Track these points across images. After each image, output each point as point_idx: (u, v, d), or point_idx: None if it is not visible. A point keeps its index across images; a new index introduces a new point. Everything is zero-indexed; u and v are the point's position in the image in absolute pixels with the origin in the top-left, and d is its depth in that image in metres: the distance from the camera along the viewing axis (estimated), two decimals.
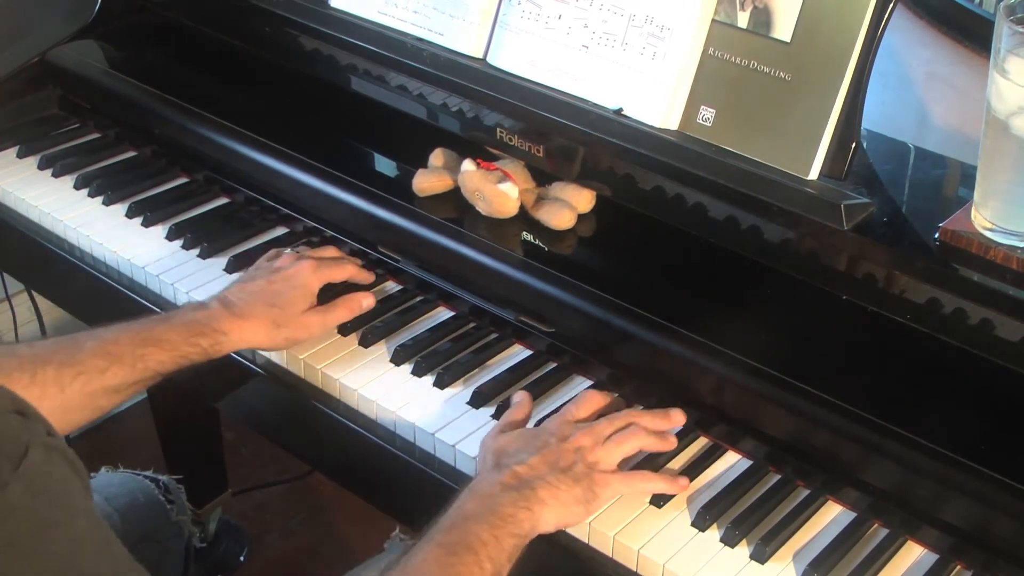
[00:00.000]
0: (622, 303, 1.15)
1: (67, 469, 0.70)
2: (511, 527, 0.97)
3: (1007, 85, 0.95)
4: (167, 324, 1.15)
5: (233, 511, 2.10)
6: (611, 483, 1.04)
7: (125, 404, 2.39)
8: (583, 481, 1.02)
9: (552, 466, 1.02)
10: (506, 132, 1.26)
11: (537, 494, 0.99)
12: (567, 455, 1.03)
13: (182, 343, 1.14)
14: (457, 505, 0.99)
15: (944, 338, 1.02)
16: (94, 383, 1.09)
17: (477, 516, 0.97)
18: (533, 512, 0.98)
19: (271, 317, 1.19)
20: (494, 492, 0.99)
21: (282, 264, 1.25)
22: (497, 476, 1.01)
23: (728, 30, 1.13)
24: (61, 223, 1.45)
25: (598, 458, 1.04)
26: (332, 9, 1.40)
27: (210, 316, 1.17)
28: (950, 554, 1.01)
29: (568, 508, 1.01)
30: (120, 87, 1.58)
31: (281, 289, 1.21)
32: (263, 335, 1.19)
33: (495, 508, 0.97)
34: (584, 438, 1.05)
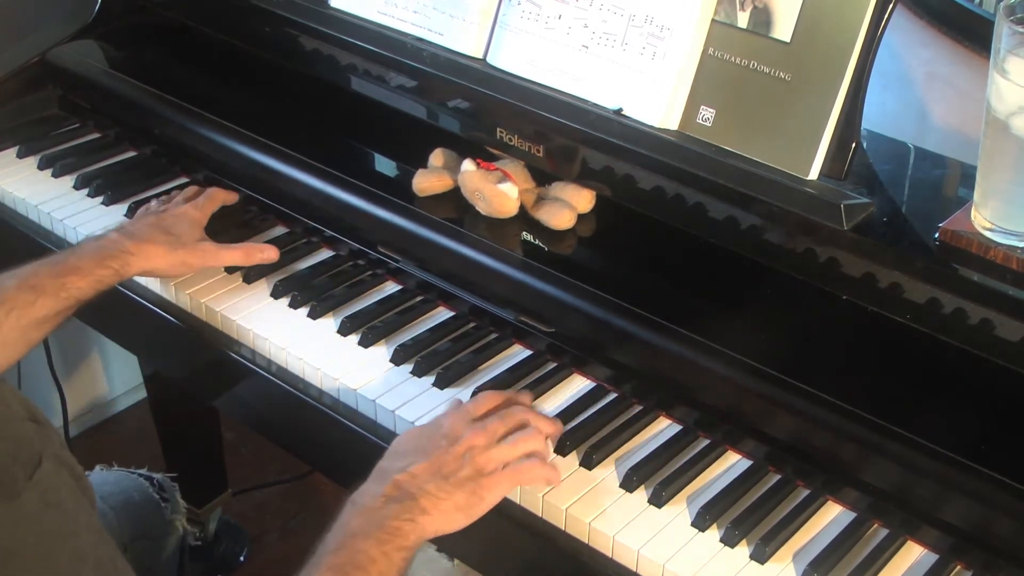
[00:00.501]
0: (622, 303, 1.15)
1: (74, 484, 0.70)
2: (398, 540, 0.97)
3: (1007, 85, 0.95)
4: (77, 254, 1.25)
5: (233, 511, 2.10)
6: (498, 484, 1.03)
7: (125, 404, 2.41)
8: (467, 486, 1.01)
9: (435, 474, 1.01)
10: (506, 132, 1.26)
11: (419, 504, 0.99)
12: (453, 460, 1.02)
13: (95, 267, 1.23)
14: (342, 522, 0.99)
15: (944, 338, 1.02)
16: (25, 317, 1.17)
17: (364, 533, 0.96)
18: (416, 523, 0.98)
19: (167, 242, 1.29)
20: (376, 506, 0.99)
21: (166, 207, 1.37)
22: (379, 488, 1.00)
23: (728, 30, 1.13)
24: (61, 223, 1.45)
25: (487, 460, 1.03)
26: (332, 9, 1.40)
27: (113, 242, 1.27)
28: (950, 554, 1.01)
29: (449, 516, 1.00)
30: (120, 87, 1.58)
31: (172, 222, 1.32)
32: (162, 257, 1.29)
33: (380, 523, 0.97)
34: (476, 438, 1.04)
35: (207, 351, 1.31)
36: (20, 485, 0.66)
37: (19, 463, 0.66)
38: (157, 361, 1.69)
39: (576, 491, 1.07)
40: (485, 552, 1.16)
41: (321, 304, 1.29)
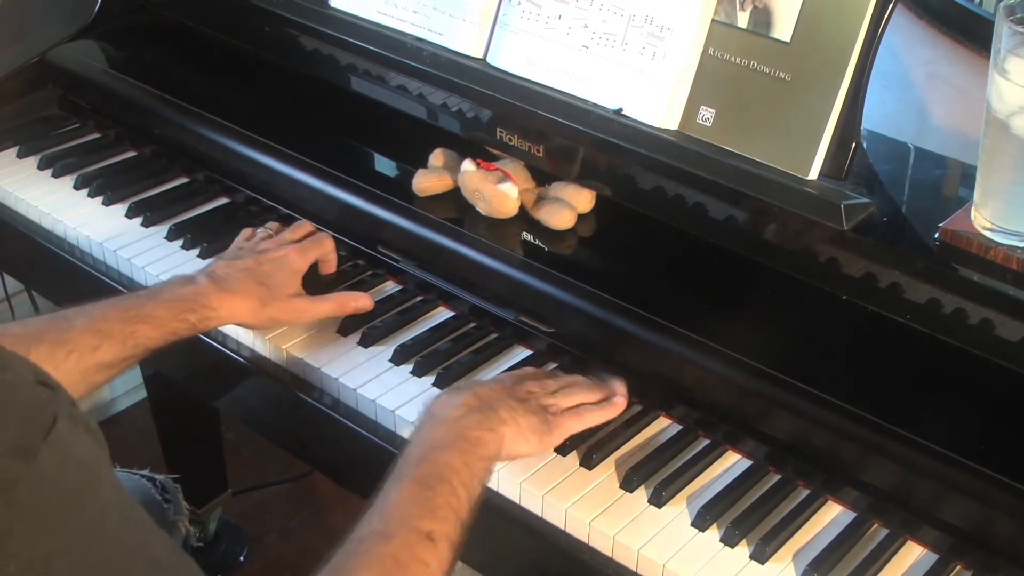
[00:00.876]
0: (622, 303, 1.15)
1: (91, 439, 0.71)
2: (480, 450, 0.98)
3: (1007, 85, 0.95)
4: (155, 300, 1.15)
5: (233, 511, 2.10)
6: (564, 423, 1.07)
7: (125, 404, 2.41)
8: (539, 413, 1.05)
9: (510, 394, 1.05)
10: (506, 132, 1.26)
11: (499, 414, 1.02)
12: (522, 391, 1.07)
13: (171, 319, 1.14)
14: (423, 436, 0.99)
15: (944, 338, 1.02)
16: (86, 360, 1.09)
17: (445, 444, 0.97)
18: (497, 432, 1.00)
19: (259, 296, 1.20)
20: (457, 416, 1.00)
21: (267, 247, 1.26)
22: (458, 398, 1.02)
23: (728, 30, 1.13)
24: (61, 223, 1.45)
25: (550, 403, 1.07)
26: (332, 9, 1.40)
27: (198, 292, 1.17)
28: (950, 554, 1.01)
29: (524, 435, 1.03)
30: (120, 87, 1.58)
31: (270, 270, 1.22)
32: (250, 313, 1.19)
33: (461, 432, 0.99)
34: (534, 386, 1.08)
35: (207, 351, 1.31)
36: (37, 446, 0.66)
37: (34, 426, 0.67)
38: (157, 361, 1.69)
39: (576, 491, 1.07)
40: (486, 552, 1.16)
41: None
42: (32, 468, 0.65)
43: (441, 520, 0.92)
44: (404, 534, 0.90)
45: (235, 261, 1.23)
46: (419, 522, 0.91)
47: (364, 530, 0.90)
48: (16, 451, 0.65)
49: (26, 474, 0.65)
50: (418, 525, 0.90)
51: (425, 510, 0.92)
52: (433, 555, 0.90)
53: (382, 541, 0.89)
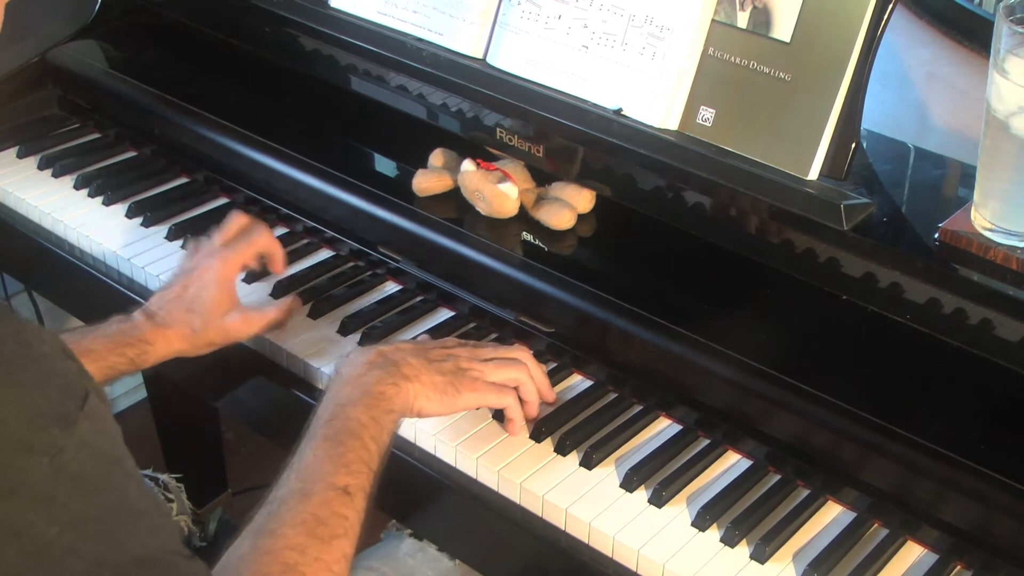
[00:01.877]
0: (622, 303, 1.15)
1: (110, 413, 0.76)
2: (384, 404, 1.02)
3: (1007, 85, 0.95)
4: (93, 335, 1.15)
5: (233, 511, 2.09)
6: (477, 388, 1.08)
7: (125, 404, 2.41)
8: (448, 376, 1.07)
9: (418, 353, 1.07)
10: (506, 132, 1.26)
11: (401, 371, 1.04)
12: (439, 352, 1.09)
13: (108, 354, 1.14)
14: (331, 395, 1.03)
15: (944, 338, 1.02)
16: None
17: (352, 401, 1.01)
18: (400, 388, 1.03)
19: (190, 324, 1.18)
20: (361, 373, 1.03)
21: (194, 264, 1.22)
22: (363, 356, 1.05)
23: (728, 30, 1.13)
24: (61, 223, 1.44)
25: (471, 366, 1.09)
26: (332, 9, 1.40)
27: (134, 327, 1.17)
28: (950, 554, 1.01)
29: (428, 393, 1.05)
30: (120, 87, 1.58)
31: (196, 292, 1.19)
32: (184, 342, 1.19)
33: (366, 388, 1.02)
34: (462, 350, 1.11)
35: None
36: (75, 415, 0.70)
37: (71, 396, 0.71)
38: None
39: (576, 491, 1.07)
40: (486, 552, 1.16)
41: (321, 304, 1.29)
42: (74, 436, 0.70)
43: (355, 474, 0.96)
44: (322, 491, 0.94)
45: (165, 291, 1.21)
46: (334, 478, 0.95)
47: (283, 489, 0.94)
48: (60, 419, 0.70)
49: (69, 442, 0.69)
50: (334, 481, 0.94)
51: (339, 466, 0.96)
52: (351, 508, 0.94)
53: (302, 499, 0.93)
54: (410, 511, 1.22)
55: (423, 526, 1.25)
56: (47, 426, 0.69)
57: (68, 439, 0.69)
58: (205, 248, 1.24)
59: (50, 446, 0.68)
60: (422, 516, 1.21)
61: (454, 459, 1.12)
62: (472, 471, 1.11)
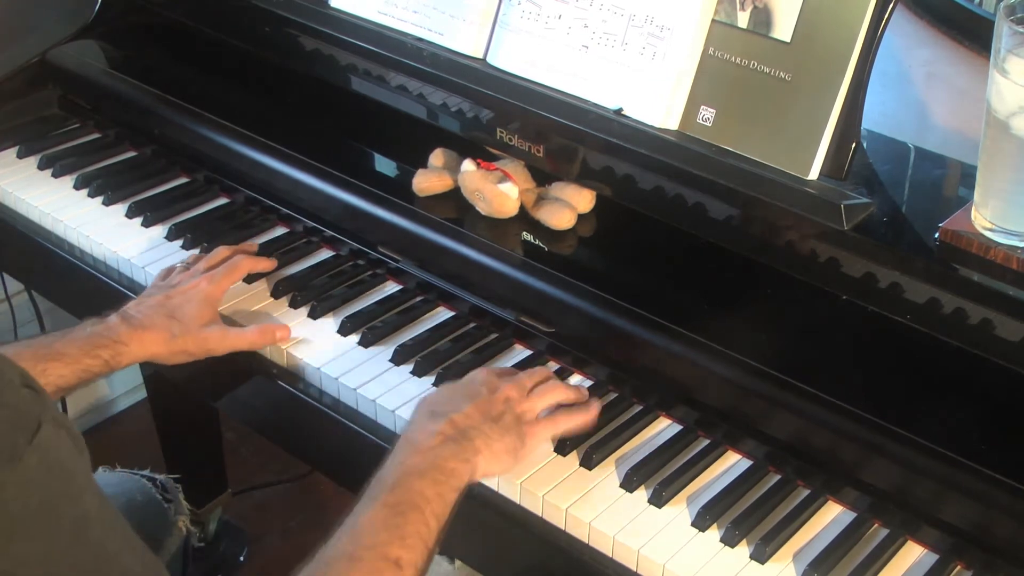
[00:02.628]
0: (622, 303, 1.15)
1: (72, 446, 0.71)
2: (453, 481, 0.99)
3: (1007, 85, 0.95)
4: (66, 339, 1.15)
5: (233, 511, 2.10)
6: (538, 432, 1.07)
7: (125, 404, 2.41)
8: (513, 430, 1.05)
9: (485, 415, 1.05)
10: (506, 132, 1.26)
11: (474, 444, 1.02)
12: (497, 405, 1.07)
13: (83, 356, 1.14)
14: (399, 460, 1.00)
15: (944, 338, 1.02)
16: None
17: (420, 472, 0.98)
18: (471, 463, 1.01)
19: (169, 329, 1.19)
20: (434, 445, 1.01)
21: (179, 280, 1.26)
22: (435, 426, 1.03)
23: (728, 30, 1.13)
24: (61, 223, 1.45)
25: (525, 408, 1.08)
26: (332, 9, 1.40)
27: (109, 328, 1.18)
28: (950, 554, 1.01)
29: (499, 457, 1.04)
30: (120, 87, 1.58)
31: (179, 303, 1.22)
32: (161, 346, 1.19)
33: (436, 463, 0.99)
34: (511, 390, 1.08)
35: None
36: (21, 449, 0.66)
37: (19, 429, 0.67)
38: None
39: (576, 491, 1.07)
40: (486, 553, 1.16)
41: (321, 304, 1.29)
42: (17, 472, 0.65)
43: (410, 548, 0.93)
44: (372, 559, 0.91)
45: (145, 299, 1.23)
46: (388, 548, 0.92)
47: (333, 550, 0.92)
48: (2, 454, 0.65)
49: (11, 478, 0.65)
50: (387, 551, 0.92)
51: (395, 536, 0.93)
52: None
53: (350, 564, 0.91)
54: None
55: None
56: None
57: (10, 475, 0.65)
58: (190, 271, 1.27)
59: None
60: None
61: None
62: None
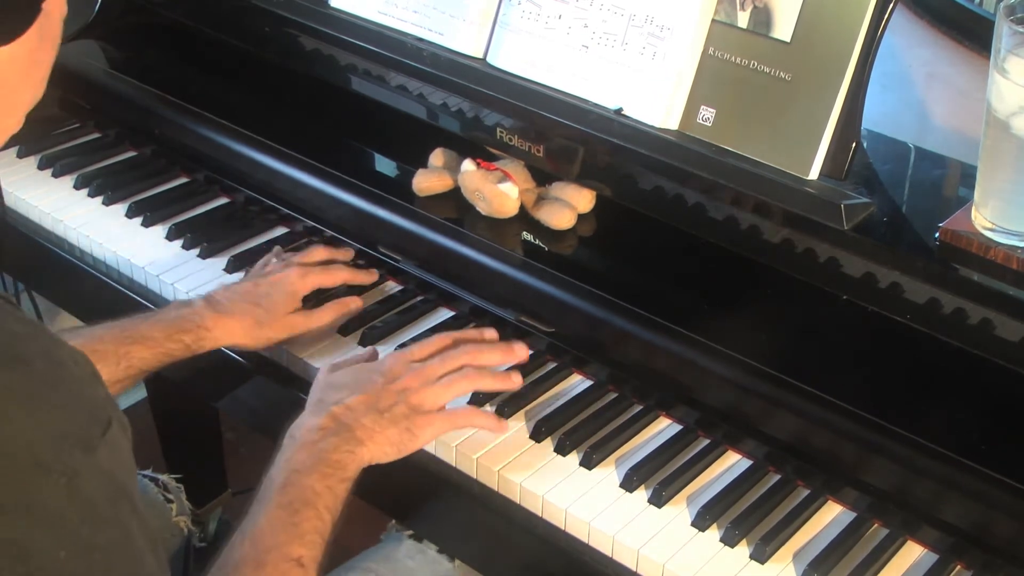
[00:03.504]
0: (622, 303, 1.15)
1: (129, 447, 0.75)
2: (340, 473, 1.01)
3: (1007, 85, 0.95)
4: (150, 321, 1.17)
5: (233, 511, 2.09)
6: (432, 423, 1.07)
7: (125, 404, 2.41)
8: (401, 423, 1.05)
9: (370, 407, 1.05)
10: (506, 132, 1.26)
11: (356, 436, 1.03)
12: (388, 395, 1.06)
13: (165, 340, 1.15)
14: (286, 457, 1.02)
15: (944, 338, 1.02)
16: None
17: (307, 468, 1.00)
18: (354, 454, 1.02)
19: (254, 316, 1.20)
20: (316, 440, 1.02)
21: (269, 270, 1.27)
22: (317, 420, 1.04)
23: (728, 30, 1.13)
24: (61, 223, 1.44)
25: (422, 400, 1.07)
26: (332, 9, 1.40)
27: (194, 313, 1.18)
28: (950, 554, 1.01)
29: (382, 448, 1.04)
30: (120, 87, 1.58)
31: (266, 291, 1.22)
32: (245, 333, 1.20)
33: (322, 457, 1.01)
34: (412, 380, 1.08)
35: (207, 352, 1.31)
36: (96, 441, 0.70)
37: (95, 421, 0.71)
38: None
39: (576, 491, 1.07)
40: (485, 553, 1.16)
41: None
42: (92, 461, 0.69)
43: (309, 545, 0.95)
44: (276, 561, 0.93)
45: (233, 285, 1.24)
46: (289, 548, 0.94)
47: (236, 555, 0.93)
48: (82, 442, 0.69)
49: (86, 466, 0.68)
50: (288, 551, 0.94)
51: (293, 536, 0.95)
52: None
53: (256, 569, 0.92)
54: (409, 511, 1.22)
55: (423, 526, 1.25)
56: (70, 448, 0.68)
57: (86, 464, 0.68)
58: (283, 261, 1.28)
59: (69, 468, 0.67)
60: (422, 516, 1.21)
61: (454, 459, 1.12)
62: (472, 471, 1.11)
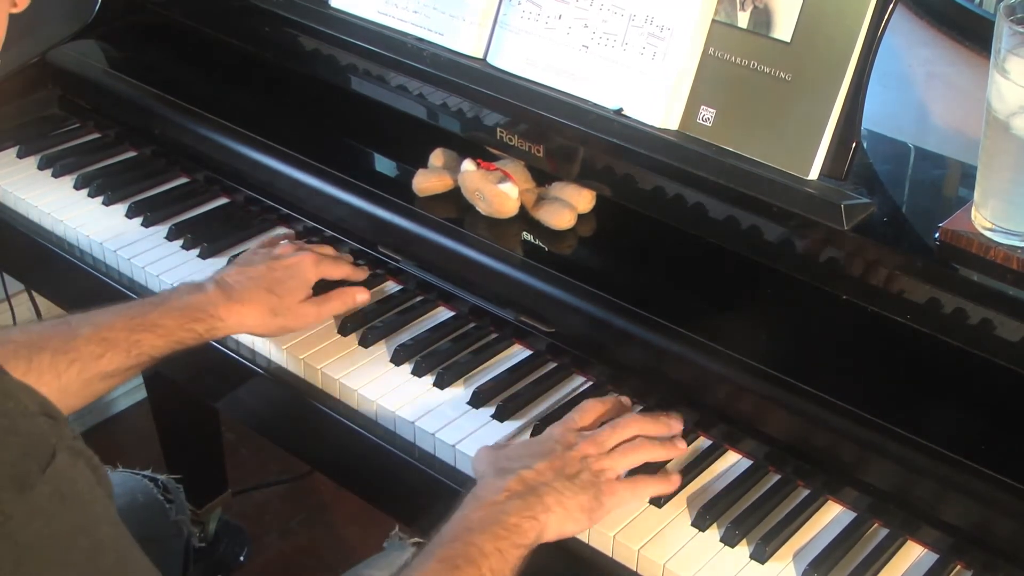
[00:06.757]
0: (622, 303, 1.15)
1: (91, 475, 0.69)
2: (515, 538, 0.94)
3: (1007, 85, 0.95)
4: (162, 309, 1.14)
5: (233, 511, 2.10)
6: (617, 492, 1.02)
7: (125, 404, 2.41)
8: (589, 489, 1.00)
9: (559, 472, 1.00)
10: (506, 132, 1.26)
11: (543, 501, 0.97)
12: (573, 463, 1.01)
13: (177, 328, 1.14)
14: (461, 514, 0.96)
15: (944, 338, 1.02)
16: (90, 370, 1.08)
17: (481, 527, 0.94)
18: (538, 521, 0.96)
19: (269, 304, 1.18)
20: (499, 500, 0.96)
21: (283, 252, 1.25)
22: (503, 482, 0.98)
23: (728, 30, 1.13)
24: (61, 223, 1.45)
25: (604, 467, 1.02)
26: (332, 9, 1.40)
27: (207, 300, 1.16)
28: (950, 554, 1.01)
29: (572, 516, 0.99)
30: (120, 87, 1.58)
31: (281, 277, 1.20)
32: (259, 322, 1.18)
33: (499, 518, 0.95)
34: (589, 447, 1.03)
35: (206, 351, 1.31)
36: (33, 478, 0.65)
37: (32, 457, 0.65)
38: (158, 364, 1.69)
39: None
40: None
41: None
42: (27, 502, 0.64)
43: None
44: None
45: (246, 268, 1.21)
46: None
47: None
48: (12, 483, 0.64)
49: (20, 508, 0.64)
50: None
51: None
52: None
53: None
54: (410, 512, 1.22)
55: (424, 526, 1.25)
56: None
57: (20, 506, 0.63)
58: (292, 245, 1.26)
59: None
60: (422, 516, 1.21)
61: (453, 459, 1.12)
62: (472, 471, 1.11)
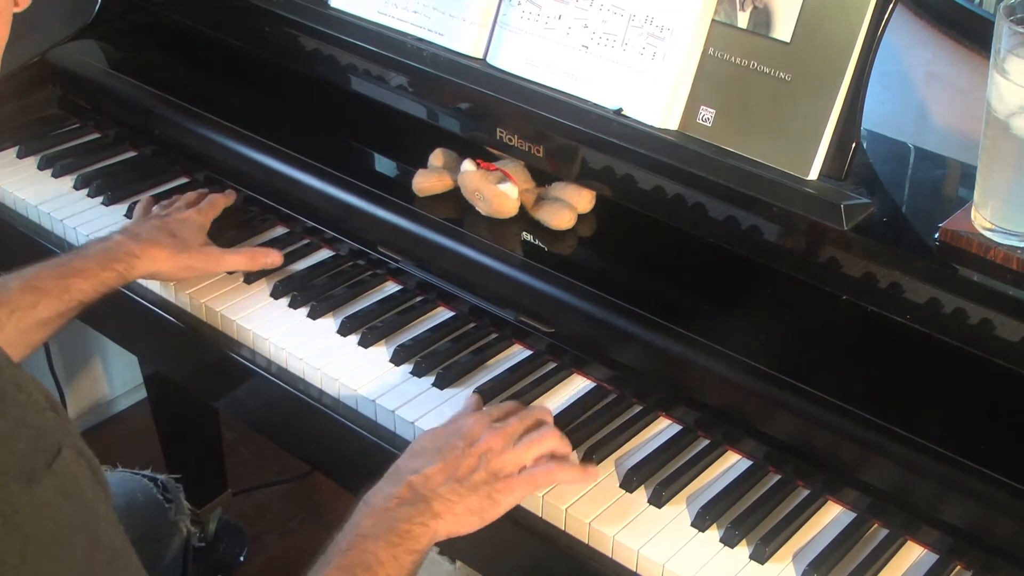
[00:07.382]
0: (622, 303, 1.15)
1: (91, 476, 0.70)
2: (409, 544, 0.97)
3: (1007, 85, 0.95)
4: (83, 256, 1.26)
5: (233, 511, 2.10)
6: (514, 489, 1.03)
7: (125, 404, 2.41)
8: (481, 489, 1.01)
9: (449, 476, 1.02)
10: (506, 132, 1.26)
11: (432, 508, 0.99)
12: (469, 461, 1.03)
13: (100, 270, 1.24)
14: (354, 522, 0.99)
15: (944, 338, 1.02)
16: (27, 319, 1.18)
17: (375, 535, 0.97)
18: (428, 527, 0.99)
19: (173, 245, 1.30)
20: (389, 507, 0.99)
21: (168, 211, 1.37)
22: (393, 489, 1.01)
23: (728, 30, 1.13)
24: (61, 223, 1.45)
25: (504, 463, 1.03)
26: (332, 9, 1.40)
27: (119, 244, 1.27)
28: (950, 554, 1.01)
29: (461, 519, 1.00)
30: (120, 87, 1.58)
31: (177, 226, 1.32)
32: (168, 259, 1.29)
33: (392, 525, 0.97)
34: (493, 440, 1.04)
35: (207, 351, 1.31)
36: (40, 472, 0.66)
37: (40, 451, 0.67)
38: (157, 361, 1.69)
39: (576, 491, 1.07)
40: (486, 553, 1.16)
41: (321, 304, 1.29)
42: (33, 495, 0.65)
43: None
44: None
45: (144, 221, 1.35)
46: None
47: None
48: (22, 475, 0.65)
49: (27, 500, 0.65)
50: None
51: None
52: None
53: None
54: None
55: None
56: (5, 482, 0.64)
57: (26, 498, 0.65)
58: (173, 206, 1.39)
59: (4, 504, 0.63)
60: None
61: None
62: None
